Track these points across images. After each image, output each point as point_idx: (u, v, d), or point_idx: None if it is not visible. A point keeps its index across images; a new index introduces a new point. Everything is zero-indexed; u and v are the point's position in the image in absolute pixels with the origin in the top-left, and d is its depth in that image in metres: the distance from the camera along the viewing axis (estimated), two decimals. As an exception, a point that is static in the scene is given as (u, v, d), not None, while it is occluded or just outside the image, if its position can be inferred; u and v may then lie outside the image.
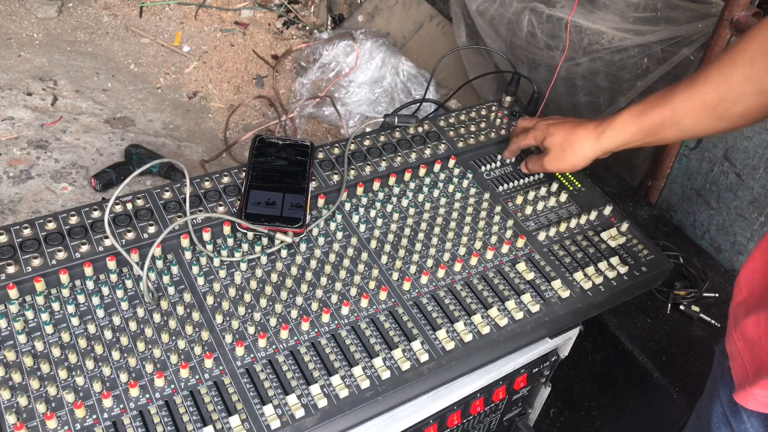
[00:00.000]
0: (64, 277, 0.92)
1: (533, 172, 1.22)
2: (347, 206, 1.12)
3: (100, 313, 0.90)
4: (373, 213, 1.11)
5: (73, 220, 1.00)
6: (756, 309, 0.75)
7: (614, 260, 1.11)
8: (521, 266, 1.07)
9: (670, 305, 1.38)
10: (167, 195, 1.07)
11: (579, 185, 1.25)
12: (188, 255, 1.00)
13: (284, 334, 0.91)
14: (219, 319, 0.92)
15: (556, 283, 1.05)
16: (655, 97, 0.99)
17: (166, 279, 0.96)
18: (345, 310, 0.96)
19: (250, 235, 1.04)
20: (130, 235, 0.99)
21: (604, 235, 1.15)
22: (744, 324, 0.76)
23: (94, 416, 0.80)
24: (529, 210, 1.17)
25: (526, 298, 1.02)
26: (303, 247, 1.04)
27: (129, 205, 1.04)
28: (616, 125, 1.04)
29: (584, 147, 1.08)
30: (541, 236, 1.13)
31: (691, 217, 1.72)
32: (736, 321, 0.79)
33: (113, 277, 0.94)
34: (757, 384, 0.71)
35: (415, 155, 1.23)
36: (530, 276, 1.06)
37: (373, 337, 0.93)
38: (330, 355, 0.90)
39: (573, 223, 1.16)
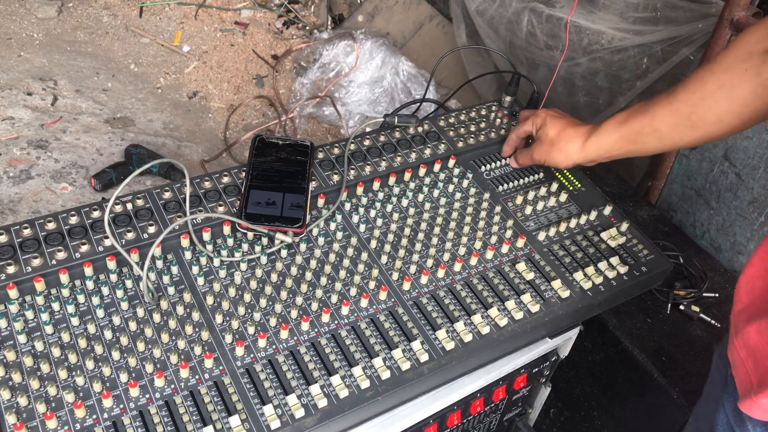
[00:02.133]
0: (64, 277, 0.92)
1: (522, 165, 1.24)
2: (347, 206, 1.12)
3: (100, 313, 0.90)
4: (373, 213, 1.11)
5: (73, 220, 1.00)
6: (758, 316, 0.74)
7: (614, 260, 1.11)
8: (521, 266, 1.07)
9: (670, 305, 1.38)
10: (167, 195, 1.07)
11: (579, 185, 1.25)
12: (188, 255, 1.00)
13: (284, 334, 0.91)
14: (219, 319, 0.92)
15: (556, 283, 1.05)
16: (638, 106, 1.00)
17: (166, 279, 0.96)
18: (345, 310, 0.96)
19: (250, 235, 1.04)
20: (130, 235, 0.99)
21: (604, 235, 1.15)
22: (746, 332, 0.75)
23: (94, 416, 0.80)
24: (529, 210, 1.17)
25: (526, 298, 1.02)
26: (303, 247, 1.04)
27: (129, 205, 1.04)
28: (599, 132, 1.05)
29: (569, 148, 1.10)
30: (541, 236, 1.13)
31: (691, 217, 1.72)
32: (737, 329, 0.78)
33: (113, 277, 0.94)
34: (762, 393, 0.71)
35: (415, 155, 1.23)
36: (530, 276, 1.06)
37: (373, 337, 0.94)
38: (330, 355, 0.90)
39: (573, 223, 1.16)
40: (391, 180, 1.17)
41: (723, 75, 0.86)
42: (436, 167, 1.21)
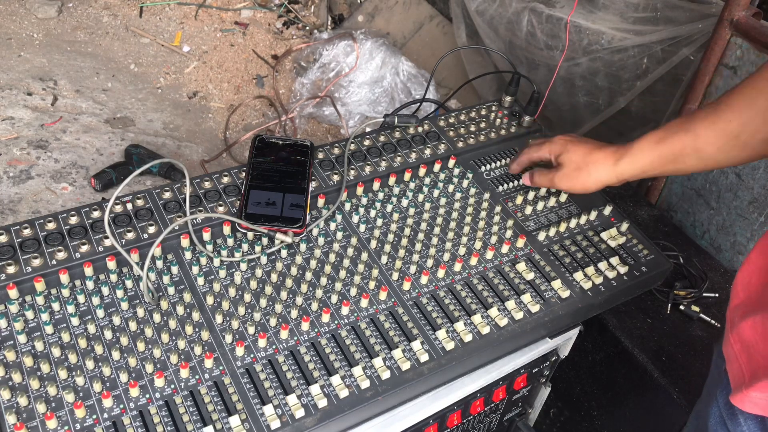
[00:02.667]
0: (64, 277, 0.92)
1: (539, 186, 1.18)
2: (347, 206, 1.12)
3: (100, 313, 0.90)
4: (373, 213, 1.11)
5: (73, 220, 1.00)
6: (753, 311, 0.75)
7: (614, 260, 1.11)
8: (521, 266, 1.07)
9: (670, 305, 1.38)
10: (167, 195, 1.07)
11: (579, 185, 1.25)
12: (188, 255, 1.00)
13: (284, 334, 0.91)
14: (219, 319, 0.92)
15: (556, 283, 1.05)
16: (676, 123, 0.96)
17: (166, 279, 0.96)
18: (345, 310, 0.96)
19: (250, 235, 1.04)
20: (130, 235, 0.99)
21: (604, 235, 1.15)
22: (741, 327, 0.76)
23: (94, 416, 0.80)
24: (529, 210, 1.17)
25: (526, 298, 1.02)
26: (303, 247, 1.04)
27: (129, 205, 1.04)
28: (633, 151, 1.01)
29: (599, 171, 1.05)
30: (541, 236, 1.13)
31: (691, 217, 1.72)
32: (732, 324, 0.78)
33: (113, 277, 0.94)
34: (754, 386, 0.71)
35: (415, 155, 1.23)
36: (530, 276, 1.06)
37: (373, 337, 0.94)
38: (330, 355, 0.90)
39: (573, 223, 1.16)
40: (391, 180, 1.17)
41: None
42: (436, 167, 1.21)
